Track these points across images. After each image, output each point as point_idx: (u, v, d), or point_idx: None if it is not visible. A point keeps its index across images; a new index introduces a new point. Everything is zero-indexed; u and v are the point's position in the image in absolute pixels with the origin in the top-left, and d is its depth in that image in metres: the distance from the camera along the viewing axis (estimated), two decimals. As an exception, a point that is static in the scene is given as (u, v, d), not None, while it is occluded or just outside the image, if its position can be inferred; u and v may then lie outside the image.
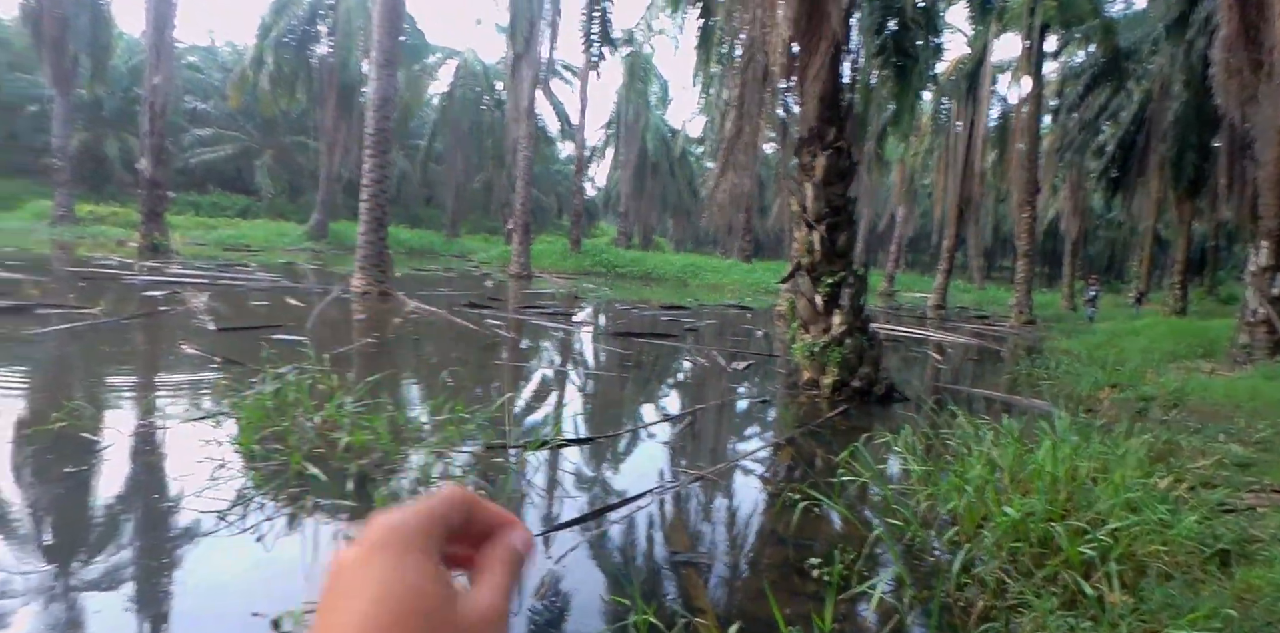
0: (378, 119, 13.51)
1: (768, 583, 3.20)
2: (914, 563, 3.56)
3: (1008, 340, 15.26)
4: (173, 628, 2.60)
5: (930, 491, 4.04)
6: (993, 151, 23.59)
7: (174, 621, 2.64)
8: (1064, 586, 2.99)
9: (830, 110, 7.64)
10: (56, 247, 19.33)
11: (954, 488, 3.87)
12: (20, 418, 4.78)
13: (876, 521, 3.90)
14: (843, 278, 7.59)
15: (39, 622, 2.53)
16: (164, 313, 9.70)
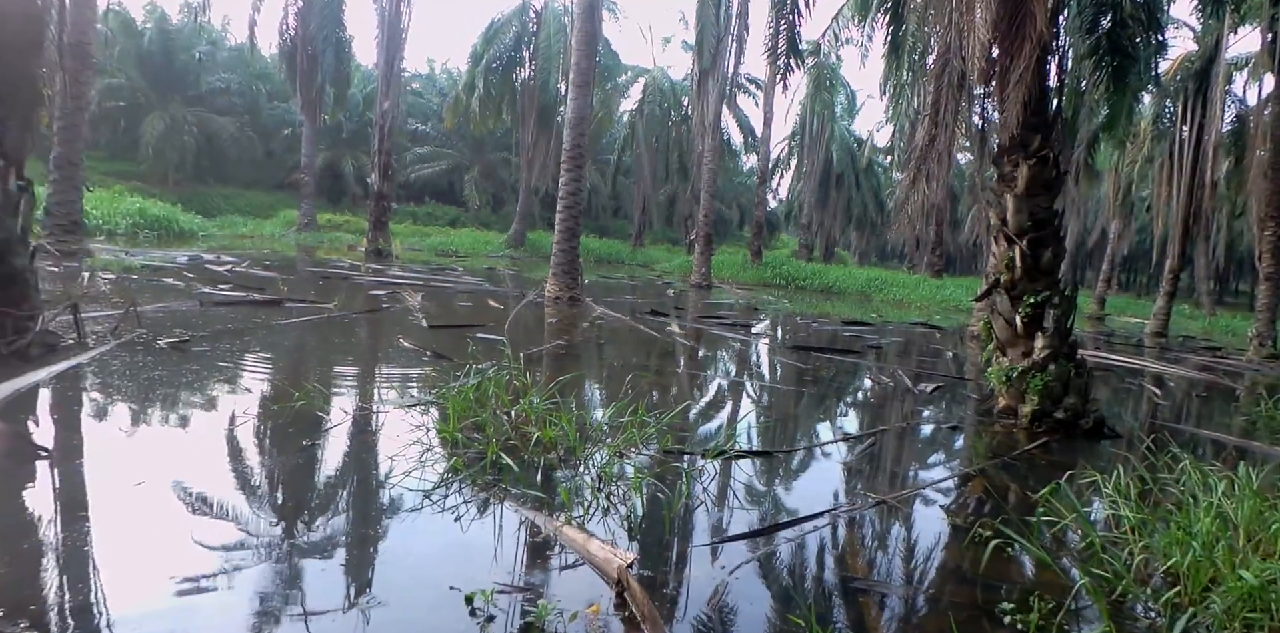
0: (573, 136, 14.31)
1: (954, 623, 3.00)
2: (1124, 623, 3.17)
3: (1244, 377, 13.13)
4: (378, 592, 2.89)
5: (1145, 542, 3.57)
6: (1227, 159, 20.55)
7: (379, 586, 2.95)
8: None
9: (1035, 116, 7.05)
10: (301, 250, 22.26)
11: (1175, 542, 3.40)
12: (269, 396, 5.58)
13: (1077, 570, 3.52)
14: (1047, 298, 6.94)
15: (264, 577, 2.92)
16: (385, 310, 10.90)
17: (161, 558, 2.98)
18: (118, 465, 3.95)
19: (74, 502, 3.45)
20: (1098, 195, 29.27)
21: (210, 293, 10.55)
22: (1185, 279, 27.64)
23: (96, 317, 7.60)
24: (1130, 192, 25.96)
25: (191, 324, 8.04)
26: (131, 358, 6.29)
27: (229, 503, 3.59)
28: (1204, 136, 18.13)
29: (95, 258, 13.58)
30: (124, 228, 20.61)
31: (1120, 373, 11.87)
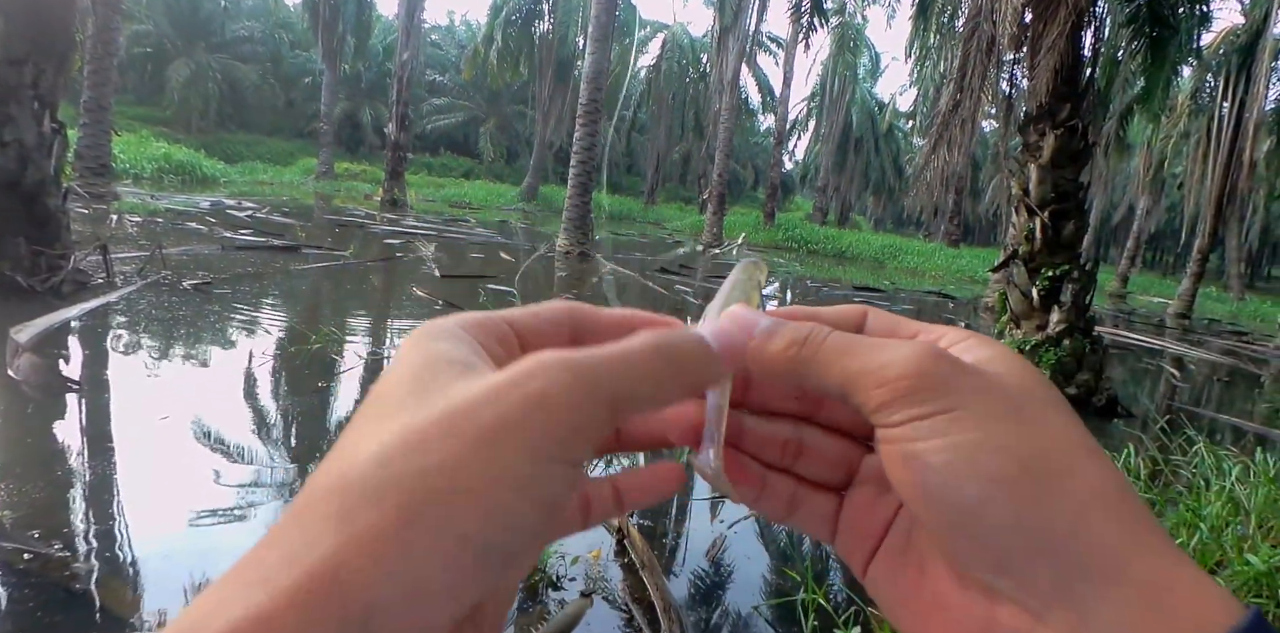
0: (590, 91, 14.09)
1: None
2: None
3: (1270, 364, 13.04)
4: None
5: (1153, 522, 3.62)
6: (1268, 139, 19.91)
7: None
8: None
9: (1066, 85, 6.88)
10: (318, 198, 22.27)
11: (1183, 524, 3.44)
12: (288, 338, 5.68)
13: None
14: (1066, 271, 6.89)
15: (277, 514, 3.03)
16: (399, 259, 10.96)
17: (183, 490, 3.10)
18: (143, 400, 4.07)
19: (102, 433, 3.57)
20: (1127, 170, 28.60)
21: (231, 237, 10.64)
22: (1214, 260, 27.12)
23: (124, 258, 7.71)
24: (1162, 168, 25.33)
25: (214, 267, 8.14)
26: (157, 298, 6.41)
27: (246, 441, 3.71)
28: (1245, 114, 17.56)
29: (122, 201, 13.67)
30: (150, 172, 20.71)
31: (1139, 353, 11.82)
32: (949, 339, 0.31)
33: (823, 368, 0.29)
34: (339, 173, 29.23)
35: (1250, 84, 17.35)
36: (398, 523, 0.21)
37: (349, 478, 0.22)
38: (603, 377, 0.25)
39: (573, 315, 0.31)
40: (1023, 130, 7.25)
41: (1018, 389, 0.27)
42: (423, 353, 0.26)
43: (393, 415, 0.24)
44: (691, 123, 36.09)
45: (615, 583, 2.77)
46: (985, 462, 0.25)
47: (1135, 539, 0.24)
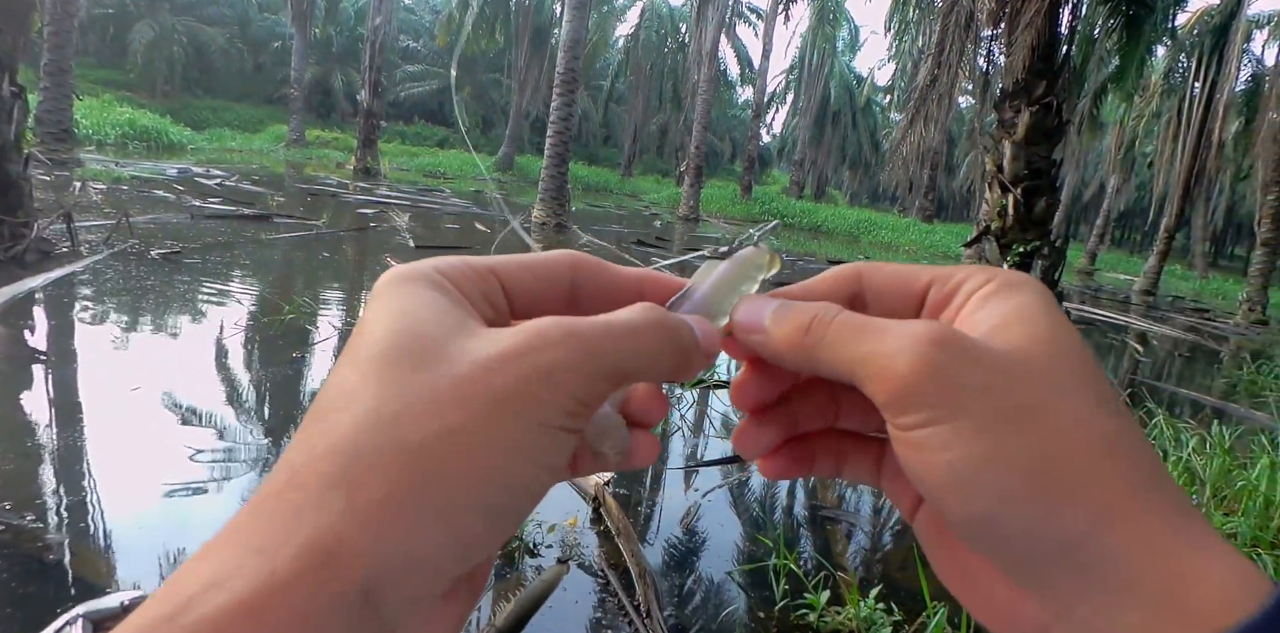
0: (567, 59, 13.85)
1: (918, 556, 3.18)
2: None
3: (1230, 340, 13.41)
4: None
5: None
6: (1237, 120, 20.19)
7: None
8: None
9: (1041, 62, 6.91)
10: (289, 166, 21.78)
11: (1140, 491, 3.58)
12: (259, 309, 5.61)
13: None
14: (1036, 248, 7.00)
15: (252, 485, 3.04)
16: (372, 228, 10.81)
17: (156, 461, 3.09)
18: (112, 371, 4.02)
19: (71, 405, 3.53)
20: (1099, 148, 28.87)
21: (200, 206, 10.41)
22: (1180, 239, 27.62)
23: (89, 226, 7.52)
24: (1134, 147, 25.61)
25: (182, 236, 7.97)
26: (124, 268, 6.28)
27: (219, 411, 3.69)
28: (1216, 95, 17.74)
29: (86, 168, 13.24)
30: (114, 138, 20.07)
31: (1104, 328, 12.09)
32: (968, 287, 0.29)
33: (830, 354, 0.27)
34: (310, 140, 28.55)
35: (1222, 65, 17.52)
36: (405, 492, 0.21)
37: (352, 441, 0.22)
38: (609, 352, 0.25)
39: (576, 270, 0.30)
40: (998, 107, 7.29)
41: (1034, 373, 0.25)
42: (407, 302, 0.25)
43: (389, 373, 0.23)
44: (669, 94, 35.68)
45: (591, 550, 2.83)
46: (991, 479, 0.24)
47: (1157, 542, 0.23)
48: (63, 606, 1.99)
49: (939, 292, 0.29)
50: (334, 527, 0.20)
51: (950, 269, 0.30)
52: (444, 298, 0.25)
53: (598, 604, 2.52)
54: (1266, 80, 18.64)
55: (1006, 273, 0.29)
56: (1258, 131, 18.51)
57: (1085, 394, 0.25)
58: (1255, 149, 18.60)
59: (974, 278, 0.29)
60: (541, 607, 2.41)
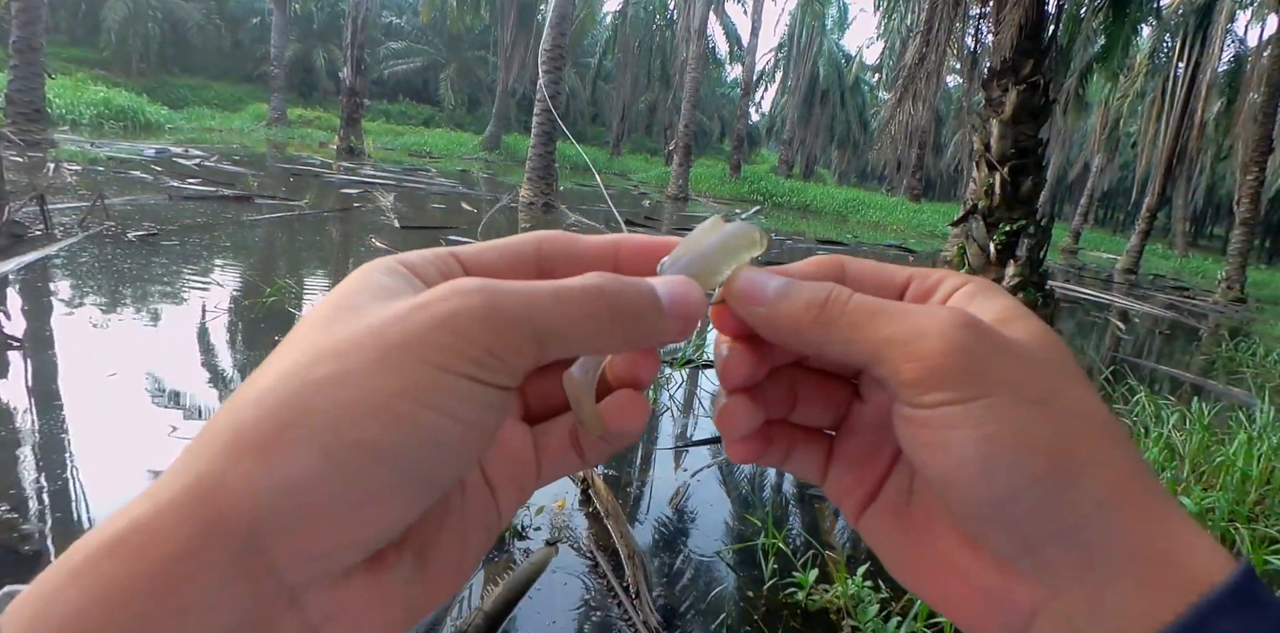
0: (554, 36, 13.63)
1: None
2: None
3: (1208, 318, 13.56)
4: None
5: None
6: (1219, 100, 20.25)
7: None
8: None
9: (1029, 41, 6.88)
10: (271, 146, 21.42)
11: (1121, 468, 3.61)
12: (240, 291, 5.54)
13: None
14: (1022, 226, 7.02)
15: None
16: (357, 209, 10.67)
17: (136, 448, 3.05)
18: (90, 357, 3.95)
19: (47, 392, 3.47)
20: (1084, 128, 28.93)
21: (179, 187, 10.22)
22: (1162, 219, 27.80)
23: (63, 208, 7.36)
24: (1118, 126, 25.66)
25: (160, 218, 7.83)
26: (100, 250, 6.16)
27: (200, 396, 3.64)
28: (1199, 75, 17.77)
29: (59, 148, 12.95)
30: (88, 118, 19.63)
31: (1088, 306, 12.19)
32: (949, 285, 0.29)
33: (848, 333, 0.26)
34: (292, 119, 28.06)
35: (1205, 45, 17.53)
36: (284, 427, 0.20)
37: (246, 395, 0.22)
38: (524, 308, 0.23)
39: (541, 247, 0.29)
40: (986, 85, 7.26)
41: (1047, 363, 0.26)
42: (353, 284, 0.25)
43: (306, 337, 0.23)
44: (658, 72, 35.30)
45: (580, 532, 2.83)
46: (1020, 457, 0.24)
47: (1151, 522, 0.24)
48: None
49: (919, 286, 0.30)
50: (214, 464, 0.20)
51: (926, 269, 0.31)
52: (393, 278, 0.26)
53: (586, 586, 2.52)
54: (1249, 61, 18.68)
55: (980, 279, 0.30)
56: (1239, 112, 18.60)
57: (1086, 386, 0.26)
58: (1236, 129, 18.70)
59: (952, 278, 0.30)
60: (530, 590, 2.41)
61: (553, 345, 0.24)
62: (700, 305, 0.27)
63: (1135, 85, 22.34)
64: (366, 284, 0.25)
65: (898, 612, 2.45)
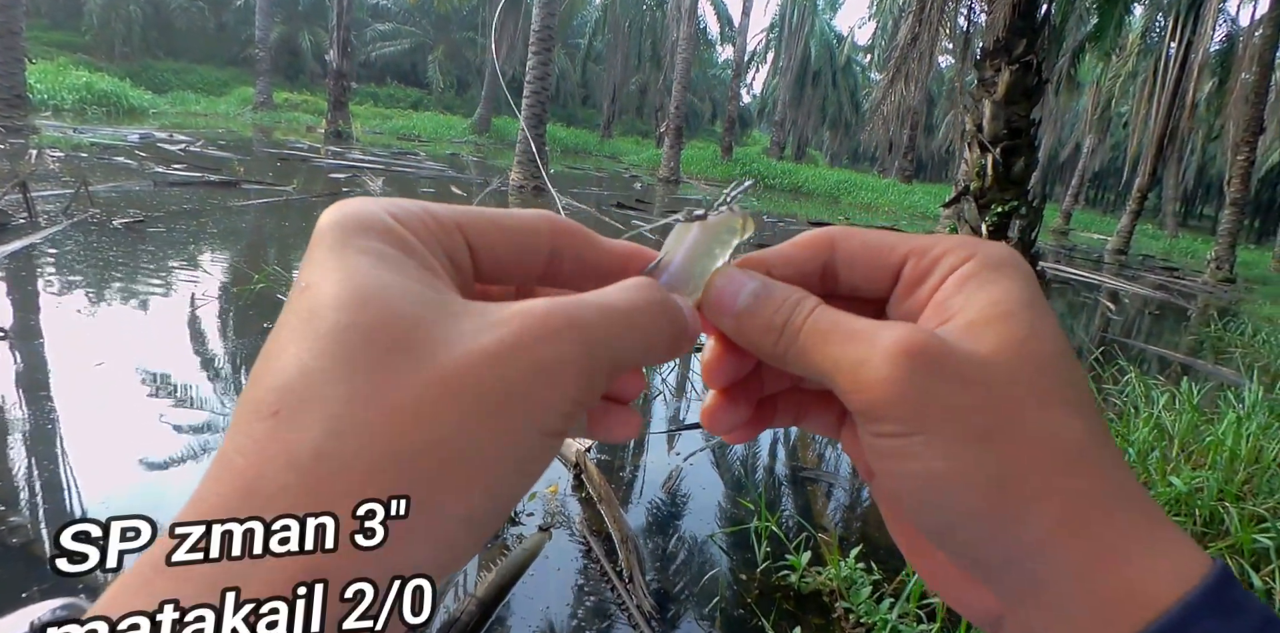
0: (543, 16, 13.46)
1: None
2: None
3: (1197, 298, 13.63)
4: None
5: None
6: (1211, 81, 20.18)
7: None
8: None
9: (1022, 20, 6.85)
10: (257, 130, 21.17)
11: (1112, 448, 3.63)
12: (228, 278, 5.49)
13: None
14: (1014, 207, 7.03)
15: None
16: (345, 194, 10.58)
17: (125, 438, 3.03)
18: (77, 346, 3.92)
19: (35, 382, 3.43)
20: (1076, 108, 28.87)
21: (164, 173, 10.09)
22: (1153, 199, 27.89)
23: (47, 196, 7.26)
24: (1110, 107, 25.60)
25: (146, 205, 7.74)
26: (85, 238, 6.09)
27: (190, 384, 3.62)
28: (1191, 55, 17.69)
29: (42, 135, 12.76)
30: (71, 103, 19.31)
31: (1078, 287, 12.23)
32: (947, 263, 0.27)
33: (802, 357, 0.26)
34: (278, 103, 27.69)
35: (1198, 25, 17.44)
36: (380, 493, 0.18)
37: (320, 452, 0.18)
38: (610, 342, 0.22)
39: (556, 236, 0.27)
40: (979, 65, 7.23)
41: (1008, 384, 0.24)
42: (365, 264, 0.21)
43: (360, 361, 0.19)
44: (649, 53, 34.97)
45: (573, 517, 2.83)
46: (954, 494, 0.24)
47: (1106, 552, 0.23)
48: (28, 591, 1.95)
49: (915, 266, 0.28)
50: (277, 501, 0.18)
51: (929, 240, 0.28)
52: (409, 260, 0.22)
53: (580, 571, 2.53)
54: (1241, 40, 18.62)
55: (988, 248, 0.27)
56: (1231, 92, 18.58)
57: (1058, 403, 0.24)
58: (1227, 109, 18.69)
59: (953, 253, 0.27)
60: (523, 575, 2.42)
61: (619, 373, 0.23)
62: (699, 324, 0.28)
63: (1127, 65, 22.27)
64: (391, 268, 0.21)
65: (890, 593, 2.47)
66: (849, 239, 0.29)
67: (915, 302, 0.28)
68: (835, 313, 0.26)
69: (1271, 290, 16.54)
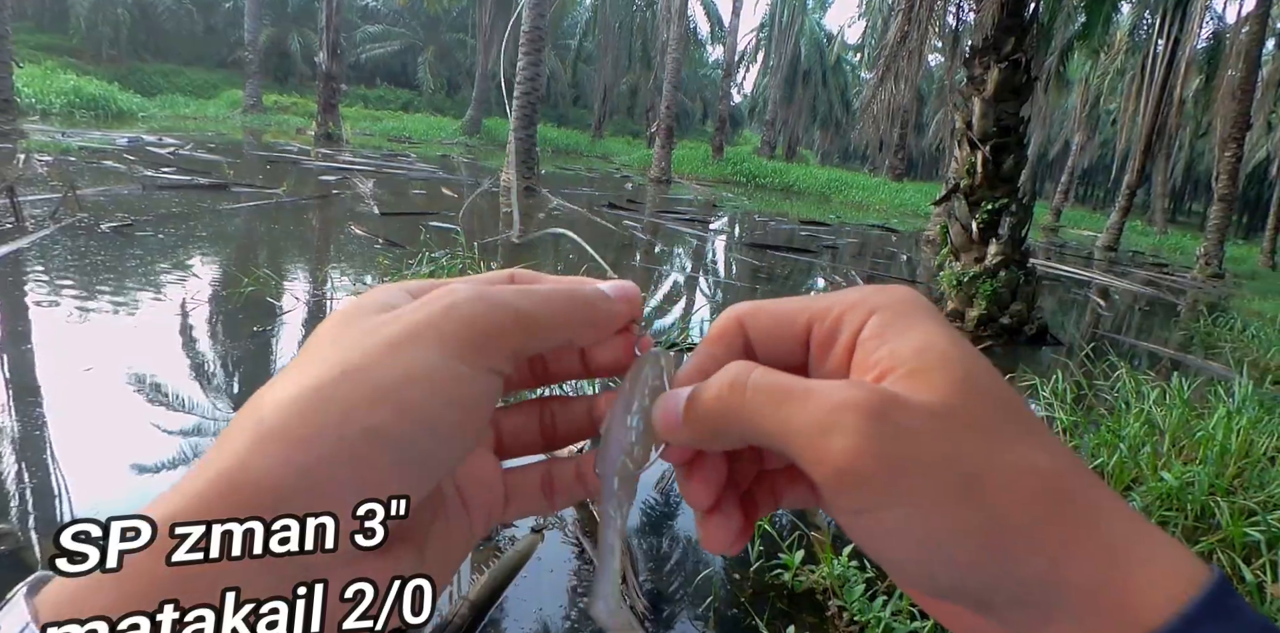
0: (533, 17, 13.46)
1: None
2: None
3: (1186, 294, 13.71)
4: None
5: (1075, 443, 3.81)
6: (1198, 77, 20.30)
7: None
8: (1219, 566, 2.78)
9: (1011, 18, 6.86)
10: (247, 133, 21.08)
11: (1103, 443, 3.63)
12: (218, 281, 5.46)
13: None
14: (1004, 205, 7.03)
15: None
16: (336, 196, 10.55)
17: (114, 443, 3.01)
18: (65, 351, 3.89)
19: (23, 387, 3.41)
20: (1065, 106, 29.00)
21: (153, 176, 10.04)
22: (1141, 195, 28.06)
23: (34, 200, 7.21)
24: (1098, 104, 25.73)
25: (135, 208, 7.69)
26: (73, 243, 6.05)
27: (182, 389, 3.60)
28: (1178, 52, 17.79)
29: (30, 139, 12.67)
30: (58, 107, 19.19)
31: (1069, 283, 12.29)
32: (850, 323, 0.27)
33: (754, 421, 0.26)
34: (268, 106, 27.60)
35: (1185, 22, 17.54)
36: (297, 421, 0.22)
37: (265, 399, 0.24)
38: (510, 301, 0.27)
39: (513, 278, 0.32)
40: (968, 63, 7.23)
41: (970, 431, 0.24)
42: (359, 302, 0.28)
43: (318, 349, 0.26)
44: (639, 53, 34.92)
45: (566, 518, 2.83)
46: (949, 554, 0.24)
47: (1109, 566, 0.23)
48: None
49: (820, 331, 0.28)
50: (237, 457, 0.22)
51: (826, 302, 0.29)
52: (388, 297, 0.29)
53: (573, 572, 2.53)
54: (1227, 37, 18.73)
55: (887, 297, 0.28)
56: (1218, 89, 18.69)
57: (1021, 437, 0.25)
58: (1215, 106, 18.79)
59: (853, 311, 0.28)
60: (516, 577, 2.41)
61: (531, 332, 0.28)
62: (637, 295, 0.32)
63: (1115, 63, 22.39)
64: (371, 302, 0.28)
65: (884, 591, 2.47)
66: (755, 317, 0.30)
67: (832, 365, 0.28)
68: (777, 373, 0.26)
69: (1260, 285, 16.66)
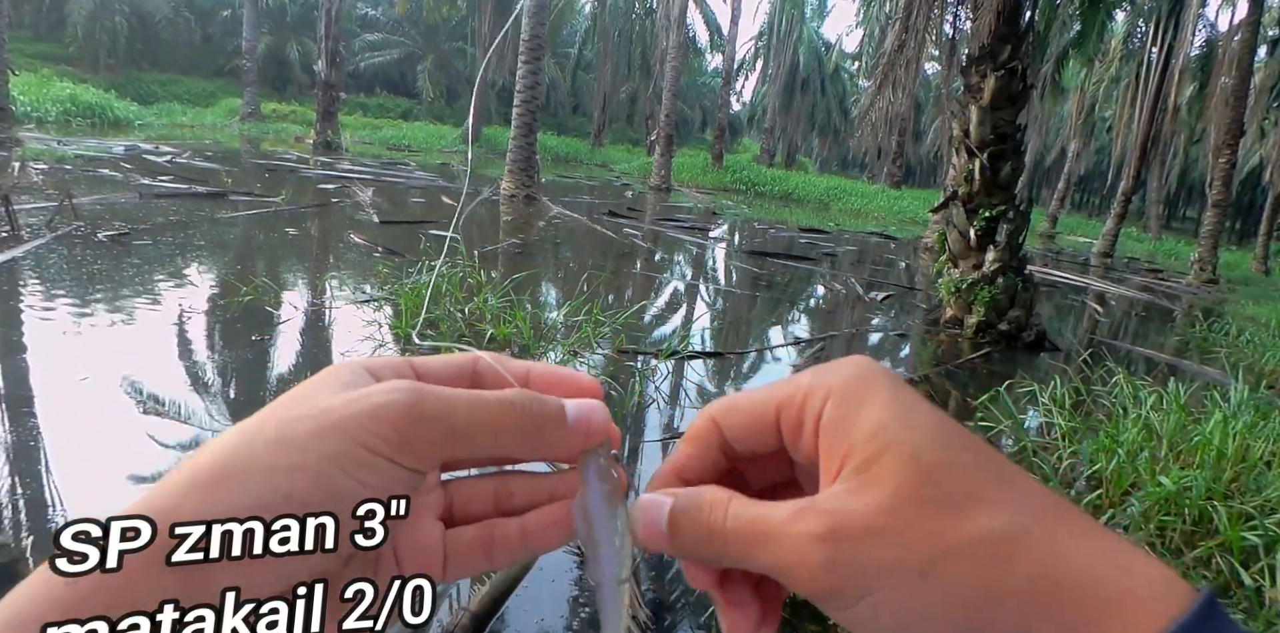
0: (533, 26, 13.50)
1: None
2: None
3: (1181, 299, 13.74)
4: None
5: (1074, 448, 3.80)
6: (1192, 85, 20.42)
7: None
8: (1217, 571, 2.75)
9: (1006, 26, 6.90)
10: (245, 141, 21.09)
11: (1102, 449, 3.63)
12: (216, 290, 5.45)
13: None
14: (1002, 212, 7.06)
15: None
16: (335, 204, 10.54)
17: (110, 454, 2.99)
18: (61, 361, 3.87)
19: (18, 397, 3.39)
20: (1061, 113, 29.14)
21: (150, 185, 10.03)
22: (1136, 202, 28.16)
23: (30, 209, 7.20)
24: (1093, 111, 25.85)
25: (131, 217, 7.68)
26: (69, 252, 6.03)
27: (179, 399, 3.58)
28: (1172, 60, 17.91)
29: (25, 147, 12.67)
30: (55, 115, 19.19)
31: (1065, 289, 12.31)
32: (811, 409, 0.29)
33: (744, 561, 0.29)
34: (266, 114, 27.64)
35: (1178, 30, 17.66)
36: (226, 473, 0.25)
37: (208, 447, 0.27)
38: (444, 407, 0.28)
39: (477, 364, 0.34)
40: (965, 72, 7.27)
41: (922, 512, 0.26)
42: (321, 377, 0.30)
43: (272, 412, 0.28)
44: (638, 61, 35.09)
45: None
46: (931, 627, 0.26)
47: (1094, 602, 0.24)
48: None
49: (788, 419, 0.30)
50: (168, 500, 0.25)
51: (788, 390, 0.30)
52: (350, 375, 0.30)
53: (575, 582, 2.51)
54: (1220, 45, 18.85)
55: (839, 375, 0.30)
56: (1211, 96, 18.79)
57: (973, 503, 0.26)
58: (1208, 113, 18.88)
59: (814, 395, 0.30)
60: (517, 587, 2.39)
61: (462, 443, 0.29)
62: (603, 423, 0.32)
63: (1110, 70, 22.51)
64: (331, 378, 0.30)
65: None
66: (729, 415, 0.32)
67: (805, 449, 0.30)
68: (747, 508, 0.29)
69: (1254, 290, 16.69)
